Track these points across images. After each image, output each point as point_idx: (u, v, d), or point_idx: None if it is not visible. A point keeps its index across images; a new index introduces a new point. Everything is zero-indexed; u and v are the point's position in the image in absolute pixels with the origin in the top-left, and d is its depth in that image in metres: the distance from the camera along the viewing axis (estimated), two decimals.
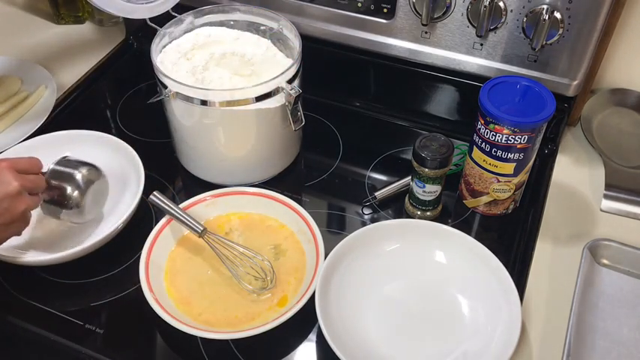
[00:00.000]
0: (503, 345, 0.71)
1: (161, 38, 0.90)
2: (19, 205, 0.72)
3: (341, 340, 0.70)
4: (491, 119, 0.78)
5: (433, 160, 0.81)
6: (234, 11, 0.94)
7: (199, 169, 0.94)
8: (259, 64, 0.90)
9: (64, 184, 0.79)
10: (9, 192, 0.71)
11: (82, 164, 0.81)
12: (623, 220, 0.88)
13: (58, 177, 0.79)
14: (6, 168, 0.72)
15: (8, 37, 1.19)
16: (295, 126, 0.87)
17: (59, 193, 0.79)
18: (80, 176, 0.80)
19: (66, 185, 0.79)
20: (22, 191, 0.72)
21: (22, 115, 1.01)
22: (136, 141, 0.98)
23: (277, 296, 0.78)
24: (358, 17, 0.95)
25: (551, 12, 0.82)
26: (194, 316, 0.76)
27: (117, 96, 1.10)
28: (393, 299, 0.78)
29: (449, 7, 0.88)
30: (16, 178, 0.72)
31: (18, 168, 0.73)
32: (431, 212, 0.88)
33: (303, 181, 0.95)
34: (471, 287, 0.78)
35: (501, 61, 0.91)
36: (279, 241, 0.84)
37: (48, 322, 0.77)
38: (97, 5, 0.87)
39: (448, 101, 1.02)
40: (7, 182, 0.71)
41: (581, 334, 0.74)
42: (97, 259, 0.82)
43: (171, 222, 0.82)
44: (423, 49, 0.94)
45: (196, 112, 0.84)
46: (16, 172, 0.73)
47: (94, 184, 0.81)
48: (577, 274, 0.79)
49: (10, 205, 0.71)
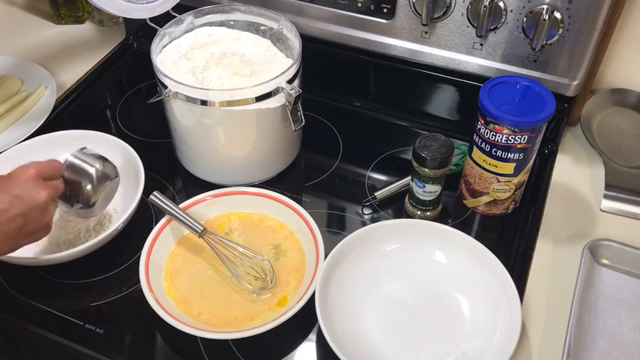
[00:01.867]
0: (503, 345, 0.71)
1: (161, 38, 0.90)
2: (45, 215, 0.71)
3: (341, 341, 0.71)
4: (491, 119, 0.78)
5: (433, 160, 0.81)
6: (234, 11, 0.94)
7: (199, 169, 0.94)
8: (259, 64, 0.90)
9: (79, 179, 0.76)
10: (38, 203, 0.69)
11: (98, 159, 0.79)
12: (623, 220, 0.88)
13: (74, 171, 0.77)
14: (34, 178, 0.70)
15: (8, 37, 1.19)
16: (295, 126, 0.87)
17: (73, 188, 0.77)
18: (94, 171, 0.77)
19: (81, 180, 0.76)
20: (50, 201, 0.71)
21: (22, 115, 1.01)
22: (136, 141, 0.98)
23: (277, 296, 0.78)
24: (358, 17, 0.95)
25: (551, 12, 0.82)
26: (194, 316, 0.76)
27: (117, 96, 1.10)
28: (393, 299, 0.78)
29: (449, 7, 0.88)
30: (44, 187, 0.70)
31: (44, 175, 0.71)
32: (431, 212, 0.88)
33: (303, 181, 0.95)
34: (471, 287, 0.78)
35: (501, 61, 0.91)
36: (279, 241, 0.84)
37: (48, 322, 0.77)
38: (97, 5, 0.87)
39: (448, 101, 1.02)
40: (36, 192, 0.69)
41: (581, 334, 0.74)
42: (97, 259, 0.82)
43: (171, 222, 0.82)
44: (423, 49, 0.94)
45: (196, 112, 0.84)
46: (43, 180, 0.71)
47: (108, 182, 0.79)
48: (577, 274, 0.79)
49: (38, 215, 0.69)
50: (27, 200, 0.68)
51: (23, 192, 0.68)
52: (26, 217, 0.68)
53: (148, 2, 0.93)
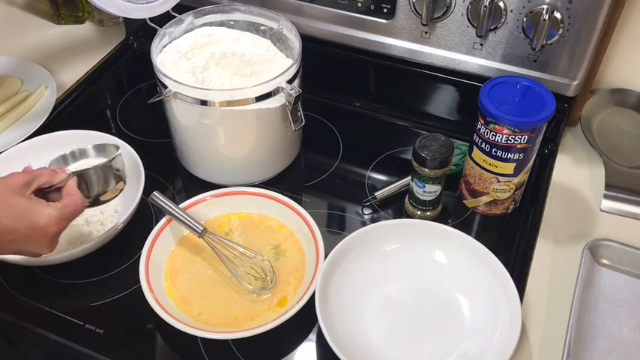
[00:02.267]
0: (503, 345, 0.71)
1: (161, 38, 0.90)
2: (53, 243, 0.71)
3: (341, 341, 0.71)
4: (491, 119, 0.78)
5: (433, 160, 0.81)
6: (234, 11, 0.94)
7: (199, 169, 0.94)
8: (259, 64, 0.90)
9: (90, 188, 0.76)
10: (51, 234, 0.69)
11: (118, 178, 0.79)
12: (623, 220, 0.88)
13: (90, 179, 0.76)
14: (67, 218, 0.70)
15: (8, 37, 1.19)
16: (295, 126, 0.87)
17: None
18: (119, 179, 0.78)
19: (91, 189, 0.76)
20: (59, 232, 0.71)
21: (22, 115, 1.01)
22: (136, 141, 0.98)
23: (277, 296, 0.78)
24: (358, 17, 0.95)
25: (551, 12, 0.82)
26: (194, 316, 0.76)
27: (117, 96, 1.10)
28: (393, 299, 0.78)
29: (449, 7, 0.88)
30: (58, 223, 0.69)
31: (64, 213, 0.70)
32: (431, 212, 0.88)
33: (303, 181, 0.95)
34: (471, 287, 0.78)
35: (501, 61, 0.91)
36: (279, 241, 0.84)
37: (48, 322, 0.77)
38: (97, 5, 0.87)
39: (448, 101, 1.02)
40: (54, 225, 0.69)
41: (581, 334, 0.74)
42: (97, 259, 0.82)
43: (172, 222, 0.82)
44: (423, 49, 0.94)
45: (196, 112, 0.84)
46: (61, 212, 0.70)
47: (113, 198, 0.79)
48: (577, 274, 0.79)
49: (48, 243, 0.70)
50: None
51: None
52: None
53: (148, 2, 0.93)
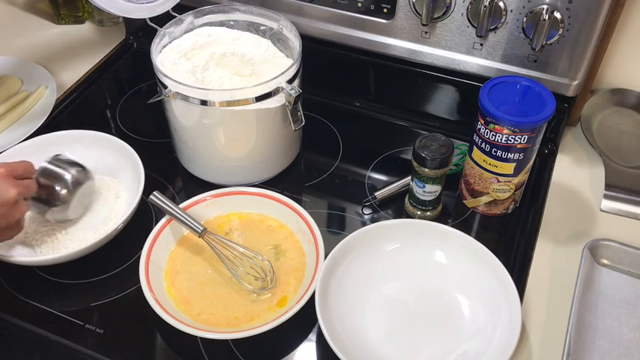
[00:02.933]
0: (503, 345, 0.71)
1: (161, 38, 0.90)
2: (16, 212, 0.73)
3: (341, 341, 0.71)
4: (491, 119, 0.78)
5: (433, 160, 0.81)
6: (234, 11, 0.94)
7: (199, 169, 0.94)
8: (259, 64, 0.90)
9: (54, 184, 0.80)
10: (7, 200, 0.71)
11: (72, 164, 0.82)
12: (623, 220, 0.88)
13: (49, 176, 0.80)
14: (4, 175, 0.72)
15: (8, 37, 1.19)
16: (295, 126, 0.87)
17: (48, 192, 0.80)
18: (70, 177, 0.81)
19: (55, 185, 0.80)
20: (20, 199, 0.73)
21: (22, 115, 1.01)
22: (136, 141, 0.98)
23: (277, 296, 0.78)
24: (358, 17, 0.95)
25: (551, 12, 0.82)
26: (194, 316, 0.76)
27: (117, 96, 1.10)
28: (393, 299, 0.78)
29: (449, 7, 0.88)
30: (14, 185, 0.72)
31: (15, 174, 0.74)
32: (431, 212, 0.88)
33: (303, 181, 0.95)
34: (471, 287, 0.78)
35: (501, 61, 0.91)
36: (279, 241, 0.84)
37: (48, 322, 0.77)
38: (97, 5, 0.88)
39: (448, 101, 1.02)
40: (5, 190, 0.71)
41: (581, 334, 0.74)
42: (97, 259, 0.82)
43: (172, 222, 0.82)
44: (423, 49, 0.94)
45: (196, 112, 0.84)
46: (14, 178, 0.73)
47: (82, 186, 0.82)
48: (577, 274, 0.79)
49: (7, 212, 0.72)
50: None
51: None
52: None
53: (148, 2, 0.93)
